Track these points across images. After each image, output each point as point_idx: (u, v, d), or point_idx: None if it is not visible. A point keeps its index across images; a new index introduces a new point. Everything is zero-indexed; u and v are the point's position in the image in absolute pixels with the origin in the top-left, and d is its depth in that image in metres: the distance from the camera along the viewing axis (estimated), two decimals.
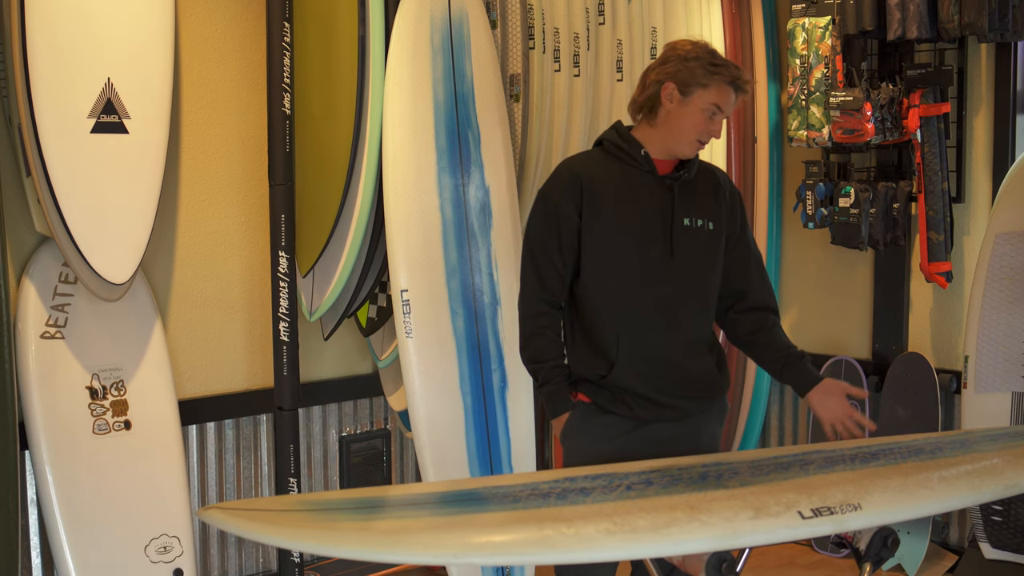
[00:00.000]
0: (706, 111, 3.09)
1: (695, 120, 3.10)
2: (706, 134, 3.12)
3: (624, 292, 3.14)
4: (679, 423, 3.20)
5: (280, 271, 3.94)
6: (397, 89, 3.87)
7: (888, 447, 3.07)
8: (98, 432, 3.84)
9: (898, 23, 4.37)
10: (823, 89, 4.62)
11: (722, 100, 3.08)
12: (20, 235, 3.77)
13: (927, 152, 4.47)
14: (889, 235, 4.64)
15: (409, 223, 3.88)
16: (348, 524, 2.41)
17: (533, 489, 2.67)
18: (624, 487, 2.70)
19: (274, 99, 3.88)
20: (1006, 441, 3.11)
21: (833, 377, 4.76)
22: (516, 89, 4.21)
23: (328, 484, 4.60)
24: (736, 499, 2.62)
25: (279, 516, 2.41)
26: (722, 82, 3.07)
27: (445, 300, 3.94)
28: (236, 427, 4.33)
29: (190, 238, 4.16)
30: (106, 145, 3.66)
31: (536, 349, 3.21)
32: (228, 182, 4.20)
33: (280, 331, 3.97)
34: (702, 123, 3.10)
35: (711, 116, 3.09)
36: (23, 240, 3.79)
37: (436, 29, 3.95)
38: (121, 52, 3.67)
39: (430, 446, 3.91)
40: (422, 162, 3.90)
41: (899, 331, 4.83)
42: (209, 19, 4.13)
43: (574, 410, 3.19)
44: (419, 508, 2.57)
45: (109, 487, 3.82)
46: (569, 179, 3.17)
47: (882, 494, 2.70)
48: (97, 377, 3.86)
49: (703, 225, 3.19)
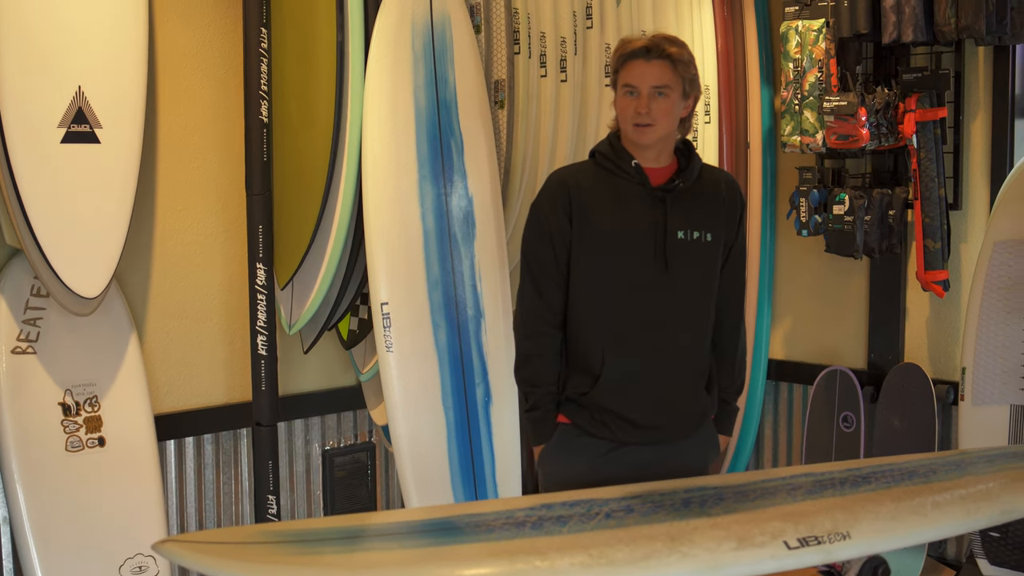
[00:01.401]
0: (624, 92, 3.03)
1: (622, 105, 3.04)
2: (634, 115, 3.00)
3: (610, 307, 3.04)
4: (660, 446, 3.09)
5: (258, 283, 3.84)
6: (377, 96, 3.76)
7: (880, 469, 2.97)
8: (71, 449, 3.73)
9: (893, 26, 4.26)
10: (817, 93, 4.51)
11: (632, 77, 3.00)
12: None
13: (923, 158, 4.36)
14: (885, 243, 4.53)
15: (389, 234, 3.77)
16: (311, 559, 2.31)
17: (508, 518, 2.58)
18: (603, 515, 2.60)
19: (251, 107, 3.78)
20: (1003, 463, 3.01)
21: (828, 388, 4.70)
22: (501, 95, 4.10)
23: (311, 499, 4.49)
24: (719, 528, 2.53)
25: (239, 550, 2.31)
26: (626, 60, 3.02)
27: (427, 313, 3.84)
28: (216, 442, 4.23)
29: (168, 249, 4.05)
30: (77, 155, 3.55)
31: (532, 371, 3.12)
32: (207, 192, 4.10)
33: (258, 345, 3.86)
34: (626, 106, 3.02)
35: (629, 95, 3.02)
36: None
37: (417, 34, 3.84)
38: (92, 61, 3.56)
39: (412, 462, 3.81)
40: (403, 171, 3.80)
41: (895, 341, 4.72)
42: (187, 26, 4.02)
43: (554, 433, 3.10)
44: (388, 540, 2.47)
45: (83, 505, 3.72)
46: (559, 189, 3.08)
47: (872, 522, 2.61)
48: (70, 393, 3.76)
49: (700, 237, 3.08)
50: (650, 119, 2.98)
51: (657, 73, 2.98)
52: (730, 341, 3.23)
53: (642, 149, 3.05)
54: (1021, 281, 4.11)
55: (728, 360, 3.23)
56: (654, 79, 2.98)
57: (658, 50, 2.98)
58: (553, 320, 3.08)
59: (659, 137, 3.02)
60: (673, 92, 3.00)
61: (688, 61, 3.03)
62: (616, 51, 3.06)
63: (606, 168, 3.08)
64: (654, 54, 2.98)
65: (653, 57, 2.98)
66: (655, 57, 2.98)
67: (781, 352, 5.16)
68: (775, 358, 5.14)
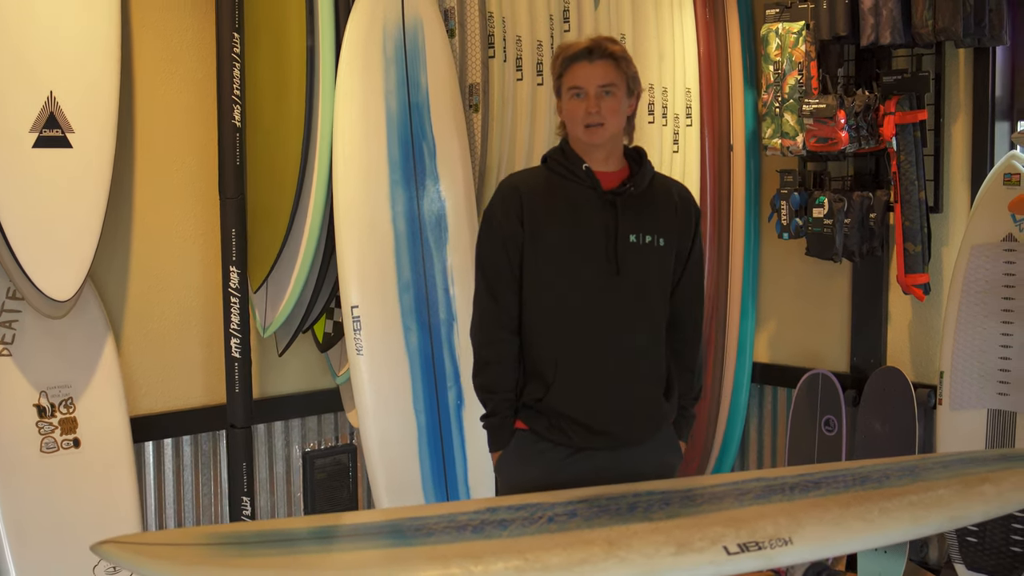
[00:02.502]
0: (571, 95, 3.03)
1: (569, 108, 3.04)
2: (584, 116, 3.01)
3: (563, 312, 3.04)
4: (618, 451, 3.08)
5: (231, 286, 3.86)
6: (347, 100, 3.78)
7: (834, 475, 2.96)
8: (46, 450, 3.76)
9: (871, 28, 4.24)
10: (797, 96, 4.50)
11: (578, 79, 3.01)
12: None
13: (903, 161, 4.34)
14: (865, 246, 4.52)
15: (360, 237, 3.79)
16: (245, 562, 2.32)
17: (450, 521, 2.58)
18: (546, 519, 2.61)
19: (224, 111, 3.81)
20: (959, 468, 2.99)
21: (810, 391, 4.69)
22: (475, 99, 4.11)
23: (291, 501, 4.52)
24: (660, 533, 2.52)
25: (175, 551, 2.33)
26: (570, 63, 3.02)
27: (397, 316, 3.85)
28: (195, 443, 4.25)
29: (146, 252, 4.07)
30: (49, 160, 3.57)
31: (489, 378, 3.12)
32: (185, 195, 4.12)
33: (232, 347, 3.89)
34: (575, 108, 3.03)
35: (576, 97, 3.02)
36: None
37: (389, 38, 3.86)
38: (64, 66, 3.58)
39: (383, 467, 3.83)
40: (373, 175, 3.81)
41: (877, 344, 4.70)
42: (165, 31, 4.04)
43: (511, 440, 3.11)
44: (328, 544, 2.48)
45: (58, 506, 3.74)
46: (510, 194, 3.09)
47: (816, 527, 2.60)
48: (45, 395, 3.79)
49: (652, 241, 3.08)
50: (600, 118, 3.00)
51: (602, 72, 3.00)
52: (689, 350, 3.23)
53: (592, 151, 3.06)
54: (997, 285, 4.09)
55: (687, 368, 3.22)
56: (600, 78, 3.00)
57: (600, 50, 3.00)
58: (509, 325, 3.09)
59: (610, 136, 3.03)
60: (619, 90, 3.02)
61: (629, 59, 3.06)
62: (557, 56, 3.07)
63: (557, 173, 3.08)
64: (597, 54, 3.00)
65: (596, 57, 3.00)
66: (598, 57, 3.00)
67: (766, 355, 5.15)
68: (760, 361, 5.13)
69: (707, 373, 4.99)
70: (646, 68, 4.67)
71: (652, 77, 4.69)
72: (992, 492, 2.82)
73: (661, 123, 4.71)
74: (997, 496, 2.81)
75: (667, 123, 4.72)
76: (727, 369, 5.01)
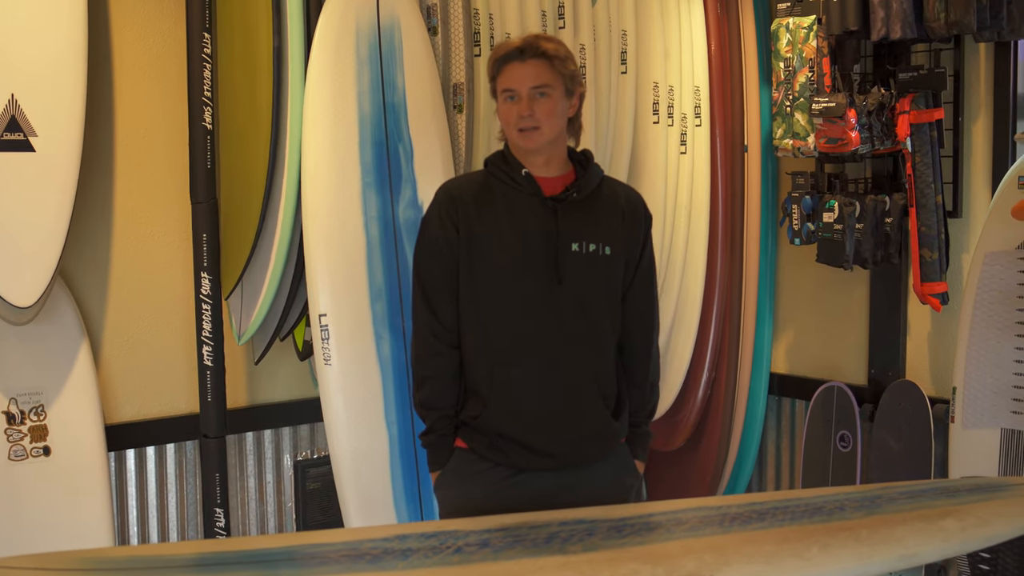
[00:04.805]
0: (504, 98, 2.88)
1: (503, 111, 2.90)
2: (517, 120, 2.85)
3: (499, 324, 2.89)
4: (562, 473, 2.92)
5: (203, 293, 3.78)
6: (317, 102, 3.65)
7: (784, 504, 2.74)
8: (15, 458, 3.72)
9: (881, 22, 3.99)
10: (807, 94, 4.26)
11: (510, 81, 2.86)
12: None
13: (919, 162, 4.08)
14: (879, 253, 4.26)
15: (329, 243, 3.66)
16: None
17: (351, 549, 2.44)
18: (453, 549, 2.45)
19: (194, 113, 3.72)
20: (924, 500, 2.75)
21: (825, 406, 4.45)
22: (459, 99, 3.96)
23: (282, 511, 4.42)
24: (568, 569, 2.35)
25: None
26: (502, 64, 2.87)
27: (369, 324, 3.72)
28: (179, 451, 4.18)
29: (125, 257, 4.01)
30: (10, 164, 3.52)
31: (428, 394, 2.98)
32: (163, 199, 4.05)
33: (204, 355, 3.80)
34: (509, 111, 2.88)
35: (509, 99, 2.87)
36: None
37: (362, 38, 3.72)
38: (26, 69, 3.52)
39: (354, 480, 3.70)
40: (344, 179, 3.68)
41: (895, 356, 4.43)
42: (145, 30, 3.98)
43: (450, 459, 2.96)
44: (219, 570, 2.36)
45: (26, 514, 3.70)
46: (446, 201, 2.94)
47: (743, 565, 2.40)
48: (15, 401, 3.75)
49: (597, 250, 2.90)
50: (534, 121, 2.84)
51: (534, 73, 2.84)
52: (640, 366, 3.04)
53: (531, 156, 2.90)
54: (1011, 295, 3.82)
55: (638, 385, 3.04)
56: (532, 79, 2.84)
57: (533, 49, 2.83)
58: (448, 339, 2.94)
59: (547, 140, 2.87)
60: (554, 91, 2.85)
61: (565, 57, 2.87)
62: (490, 57, 2.93)
63: (498, 178, 2.93)
64: (529, 54, 2.83)
65: (528, 57, 2.83)
66: (530, 57, 2.83)
67: (784, 366, 4.90)
68: (777, 372, 4.89)
69: (720, 383, 4.77)
70: (650, 66, 4.47)
71: (657, 75, 4.48)
72: (954, 528, 2.59)
73: (667, 123, 4.50)
74: (959, 532, 2.58)
75: (673, 123, 4.51)
76: (741, 380, 4.79)
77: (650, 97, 4.47)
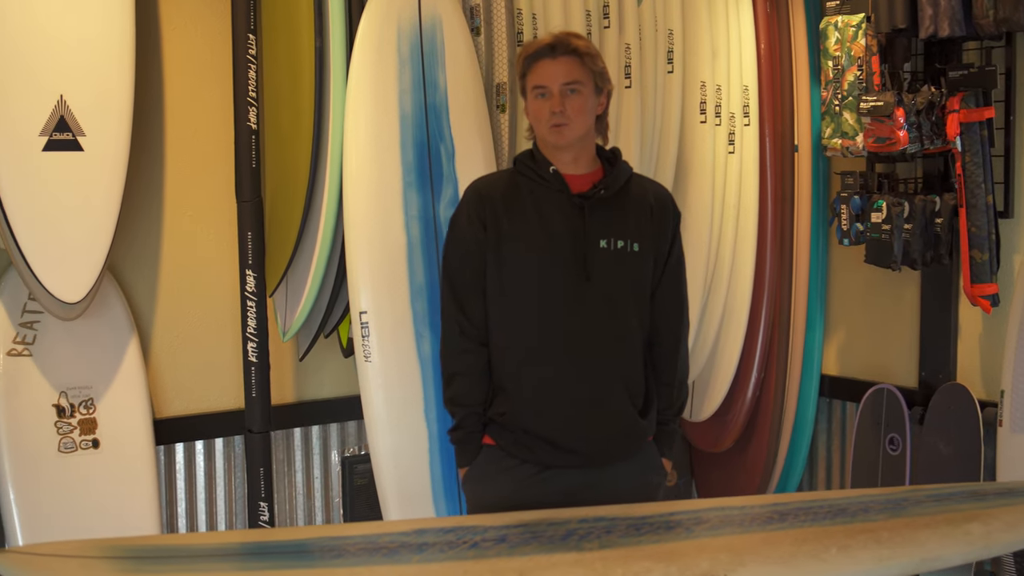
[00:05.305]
0: (535, 95, 2.90)
1: (534, 108, 2.91)
2: (548, 116, 2.87)
3: (527, 321, 2.90)
4: (589, 470, 2.92)
5: (248, 290, 3.83)
6: (358, 102, 3.69)
7: (808, 505, 2.72)
8: (64, 451, 3.80)
9: (930, 19, 3.94)
10: (856, 93, 4.21)
11: (541, 77, 2.88)
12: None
13: (968, 162, 4.02)
14: (929, 253, 4.20)
15: (370, 242, 3.70)
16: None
17: (369, 542, 2.47)
18: (469, 544, 2.47)
19: (239, 113, 3.78)
20: (951, 503, 2.71)
21: (875, 409, 4.40)
22: (502, 99, 3.98)
23: (330, 506, 4.47)
24: (581, 566, 2.35)
25: (64, 563, 2.28)
26: (532, 61, 2.89)
27: (409, 322, 3.75)
28: (228, 446, 4.25)
29: (174, 254, 4.09)
30: (59, 163, 3.60)
31: (456, 391, 3.01)
32: (213, 197, 4.11)
33: (248, 351, 3.85)
34: (539, 108, 2.89)
35: (540, 96, 2.89)
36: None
37: (404, 38, 3.75)
38: (75, 70, 3.60)
39: (393, 477, 3.73)
40: (385, 178, 3.72)
41: (946, 358, 4.36)
42: (192, 32, 4.05)
43: (478, 456, 2.98)
44: (230, 561, 2.40)
45: (74, 506, 3.77)
46: (474, 200, 2.96)
47: (758, 565, 2.38)
48: (65, 395, 3.83)
49: (625, 247, 2.90)
50: (565, 118, 2.85)
51: (566, 69, 2.85)
52: (669, 364, 3.03)
53: (559, 153, 2.91)
54: None
55: (666, 383, 3.03)
56: (563, 76, 2.85)
57: (564, 46, 2.85)
58: (476, 336, 2.95)
59: (576, 136, 2.88)
60: (585, 88, 2.86)
61: (595, 55, 2.89)
62: (520, 55, 2.95)
63: (526, 176, 2.94)
64: (560, 51, 2.85)
65: (559, 54, 2.85)
66: (561, 54, 2.85)
67: (835, 367, 4.84)
68: (828, 373, 4.84)
69: (770, 385, 4.73)
70: (698, 65, 4.45)
71: (704, 75, 4.46)
72: (979, 532, 2.54)
73: (714, 123, 4.47)
74: (984, 536, 2.54)
75: (721, 123, 4.49)
76: (791, 381, 4.74)
77: (697, 96, 4.45)
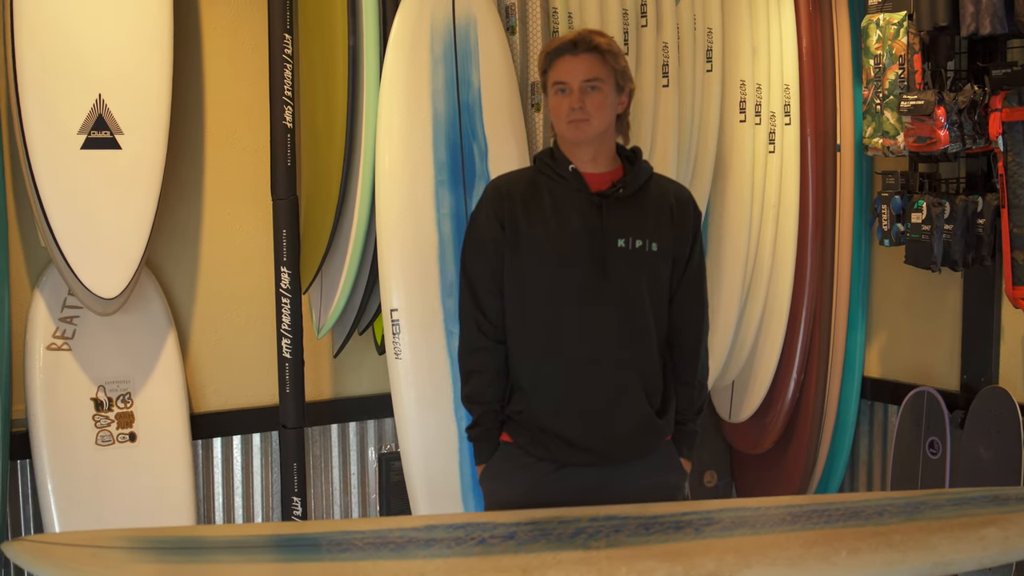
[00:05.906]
0: (555, 91, 2.90)
1: (554, 104, 2.91)
2: (567, 112, 2.87)
3: (544, 319, 2.90)
4: (606, 469, 2.92)
5: (282, 287, 3.87)
6: (391, 100, 3.71)
7: (823, 507, 2.69)
8: (101, 443, 3.87)
9: (971, 17, 3.88)
10: (897, 92, 4.16)
11: (561, 73, 2.88)
12: (35, 249, 3.85)
13: (1011, 162, 3.95)
14: (971, 255, 4.13)
15: (402, 239, 3.72)
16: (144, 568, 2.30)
17: (378, 537, 2.49)
18: (477, 540, 2.48)
19: (275, 112, 3.81)
20: (970, 508, 2.67)
21: (915, 411, 4.34)
22: (537, 98, 3.98)
23: (366, 502, 4.50)
24: (586, 564, 2.35)
25: (79, 553, 2.32)
26: (554, 57, 2.89)
27: (440, 320, 3.76)
28: (265, 441, 4.30)
29: (211, 251, 4.14)
30: (98, 161, 3.67)
31: (474, 388, 3.03)
32: (252, 194, 4.16)
33: (283, 347, 3.89)
34: (559, 104, 2.90)
35: (560, 92, 2.89)
36: (38, 254, 3.86)
37: (437, 36, 3.77)
38: (112, 69, 3.66)
39: (423, 474, 3.75)
40: (418, 176, 3.73)
41: (988, 362, 4.29)
42: (230, 31, 4.11)
43: (495, 453, 2.99)
44: (240, 553, 2.42)
45: (111, 498, 3.84)
46: (493, 198, 2.98)
47: (765, 567, 2.37)
48: (103, 389, 3.89)
49: (643, 246, 2.90)
50: (584, 114, 2.86)
51: (587, 66, 2.86)
52: (689, 364, 3.02)
53: (578, 151, 2.91)
54: None
55: (686, 383, 3.02)
56: (584, 72, 2.86)
57: (586, 43, 2.85)
58: (494, 334, 2.97)
59: (595, 132, 2.88)
60: (606, 85, 2.86)
61: (617, 53, 2.89)
62: (542, 52, 2.96)
63: (544, 174, 2.95)
64: (582, 47, 2.85)
65: (581, 51, 2.85)
66: (583, 50, 2.85)
67: (877, 370, 4.78)
68: (870, 376, 4.78)
69: (810, 386, 4.69)
70: (737, 64, 4.42)
71: (744, 73, 4.43)
72: (995, 537, 2.50)
73: (754, 122, 4.44)
74: (1000, 542, 2.50)
75: (761, 122, 4.45)
76: (832, 383, 4.69)
77: (737, 95, 4.42)
